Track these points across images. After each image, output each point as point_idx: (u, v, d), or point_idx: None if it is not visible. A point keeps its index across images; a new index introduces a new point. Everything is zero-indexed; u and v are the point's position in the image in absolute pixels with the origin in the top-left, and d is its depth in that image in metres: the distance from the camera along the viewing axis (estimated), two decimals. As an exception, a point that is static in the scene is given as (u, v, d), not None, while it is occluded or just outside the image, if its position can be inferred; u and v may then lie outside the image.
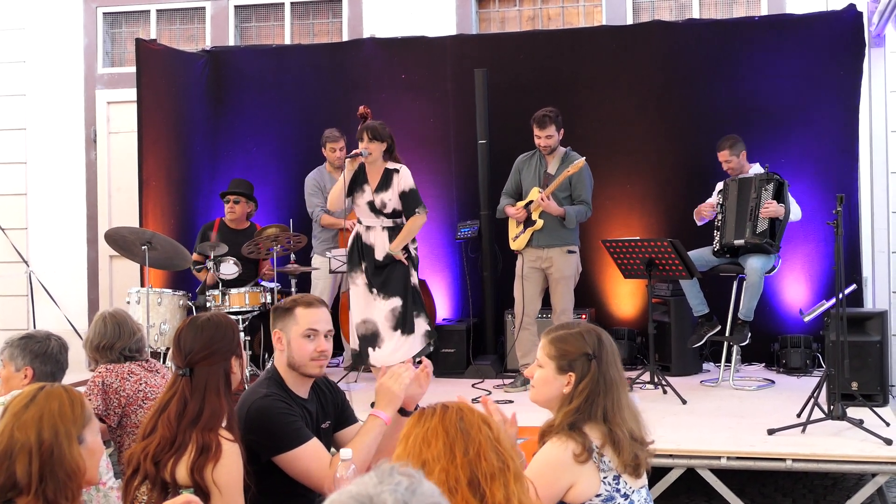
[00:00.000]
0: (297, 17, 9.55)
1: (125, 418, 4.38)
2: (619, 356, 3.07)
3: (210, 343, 3.31)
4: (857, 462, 4.98)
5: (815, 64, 7.90)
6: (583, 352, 3.00)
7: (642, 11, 8.89)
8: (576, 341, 3.02)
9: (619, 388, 2.99)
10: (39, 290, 8.46)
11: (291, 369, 3.56)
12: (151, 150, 8.57)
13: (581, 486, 2.88)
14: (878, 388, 6.19)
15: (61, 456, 2.52)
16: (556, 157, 7.16)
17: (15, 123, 9.64)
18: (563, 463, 2.88)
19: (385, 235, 6.55)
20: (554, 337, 3.09)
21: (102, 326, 4.55)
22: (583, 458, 2.87)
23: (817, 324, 6.91)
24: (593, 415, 2.93)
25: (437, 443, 2.30)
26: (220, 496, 3.11)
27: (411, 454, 2.30)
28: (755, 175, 7.01)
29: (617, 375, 3.00)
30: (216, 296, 7.35)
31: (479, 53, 8.47)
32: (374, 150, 6.49)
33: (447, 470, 2.27)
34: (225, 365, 3.32)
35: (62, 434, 2.53)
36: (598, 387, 2.95)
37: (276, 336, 3.59)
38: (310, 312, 3.58)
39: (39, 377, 4.03)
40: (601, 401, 2.94)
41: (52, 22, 9.61)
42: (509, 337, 7.74)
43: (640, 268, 6.67)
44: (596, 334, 3.05)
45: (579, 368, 2.99)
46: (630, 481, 2.93)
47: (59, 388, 2.65)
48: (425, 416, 2.37)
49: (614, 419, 2.93)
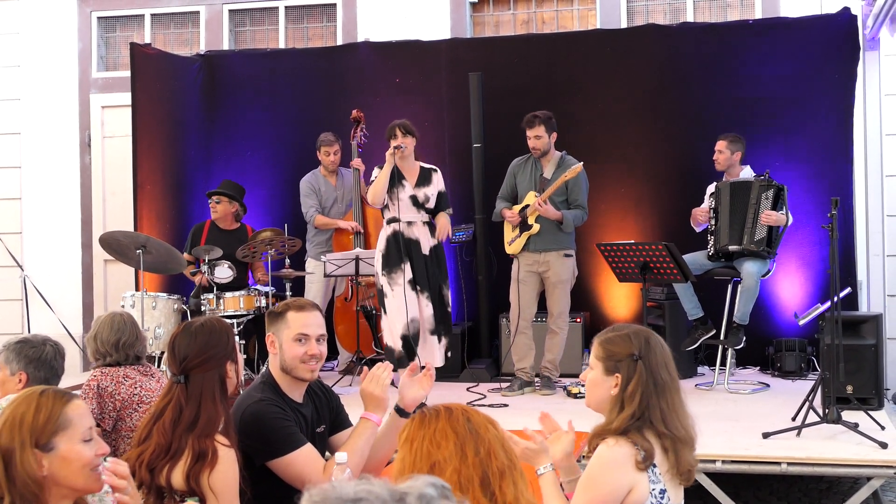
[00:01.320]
0: (292, 21, 9.54)
1: (120, 422, 4.37)
2: (670, 358, 3.03)
3: (204, 349, 3.30)
4: (853, 466, 4.98)
5: (810, 67, 7.91)
6: (629, 353, 2.98)
7: (636, 15, 8.89)
8: (622, 342, 3.01)
9: (672, 390, 2.96)
10: (34, 294, 8.43)
11: (284, 373, 3.56)
12: (146, 154, 8.56)
13: (635, 493, 2.86)
14: (873, 391, 6.19)
15: (15, 462, 2.51)
16: (551, 162, 7.16)
17: (9, 128, 9.62)
18: (625, 467, 2.85)
19: (426, 230, 6.82)
20: (602, 339, 3.08)
21: (122, 324, 4.53)
22: (643, 466, 2.85)
23: (812, 327, 6.92)
24: (653, 419, 2.90)
25: (448, 444, 2.30)
26: (216, 502, 3.10)
27: (419, 456, 2.29)
28: (755, 180, 7.00)
29: (668, 377, 2.97)
30: (211, 300, 7.34)
31: (473, 57, 8.47)
32: (409, 145, 6.77)
33: (459, 470, 2.27)
34: (220, 370, 3.31)
35: (16, 441, 2.53)
36: (648, 388, 2.92)
37: (269, 340, 3.59)
38: (301, 316, 3.57)
39: (34, 382, 4.02)
40: (656, 403, 2.92)
41: (46, 26, 9.59)
42: (504, 341, 7.74)
43: (635, 271, 6.67)
44: (644, 336, 3.02)
45: (625, 369, 2.97)
46: (673, 496, 2.90)
47: (39, 393, 2.63)
48: (429, 419, 2.36)
49: (672, 423, 2.91)
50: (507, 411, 6.44)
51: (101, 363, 4.53)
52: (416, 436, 2.33)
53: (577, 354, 7.63)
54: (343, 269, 7.37)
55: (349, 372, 7.62)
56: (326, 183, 8.03)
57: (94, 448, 2.64)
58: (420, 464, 2.26)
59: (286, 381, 3.57)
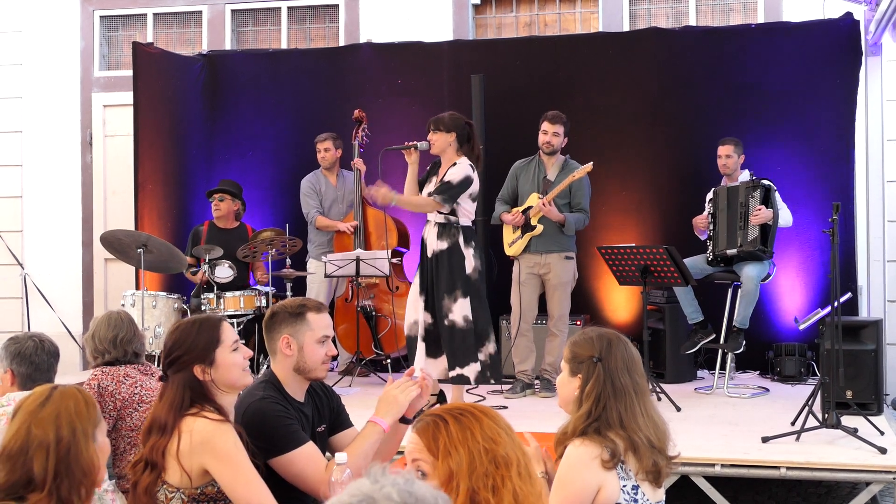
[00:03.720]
0: (294, 21, 9.55)
1: (120, 421, 4.37)
2: (637, 364, 3.04)
3: (175, 347, 3.28)
4: (852, 470, 4.98)
5: (812, 72, 7.92)
6: (589, 354, 3.01)
7: (639, 18, 8.90)
8: (585, 344, 3.05)
9: (633, 395, 2.97)
10: (34, 292, 8.43)
11: (297, 373, 3.55)
12: (147, 153, 8.57)
13: (605, 492, 2.88)
14: (873, 396, 6.18)
15: (78, 453, 2.55)
16: (555, 164, 7.17)
17: (11, 126, 9.62)
18: (591, 467, 2.87)
19: (435, 231, 6.22)
20: (571, 341, 3.13)
21: (119, 321, 4.53)
22: (610, 465, 2.87)
23: (812, 332, 6.91)
24: (609, 421, 2.92)
25: (502, 439, 2.31)
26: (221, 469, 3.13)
27: (477, 454, 2.26)
28: (741, 183, 7.03)
29: (628, 381, 2.97)
30: (211, 299, 7.35)
31: (475, 59, 8.47)
32: (437, 141, 6.16)
33: (520, 462, 2.31)
34: (187, 374, 3.24)
35: (79, 432, 2.57)
36: (605, 390, 2.95)
37: (284, 341, 3.52)
38: (322, 318, 3.59)
39: (18, 378, 4.03)
40: (613, 405, 2.93)
41: (48, 25, 9.60)
42: (504, 343, 7.74)
43: (636, 275, 6.67)
44: (607, 339, 3.04)
45: (585, 371, 3.00)
46: (648, 492, 2.92)
47: (72, 388, 2.68)
48: (466, 419, 2.33)
49: (630, 425, 2.92)
50: (507, 413, 6.40)
51: (99, 361, 4.52)
52: (463, 437, 2.30)
53: (577, 357, 7.61)
54: (343, 269, 7.37)
55: (349, 373, 7.62)
56: (327, 183, 8.04)
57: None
58: (480, 461, 2.26)
59: (293, 380, 3.56)
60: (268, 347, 3.61)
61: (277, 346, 3.54)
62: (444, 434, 2.32)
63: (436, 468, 2.29)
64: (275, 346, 3.56)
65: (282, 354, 3.54)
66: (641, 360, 3.13)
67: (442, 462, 2.29)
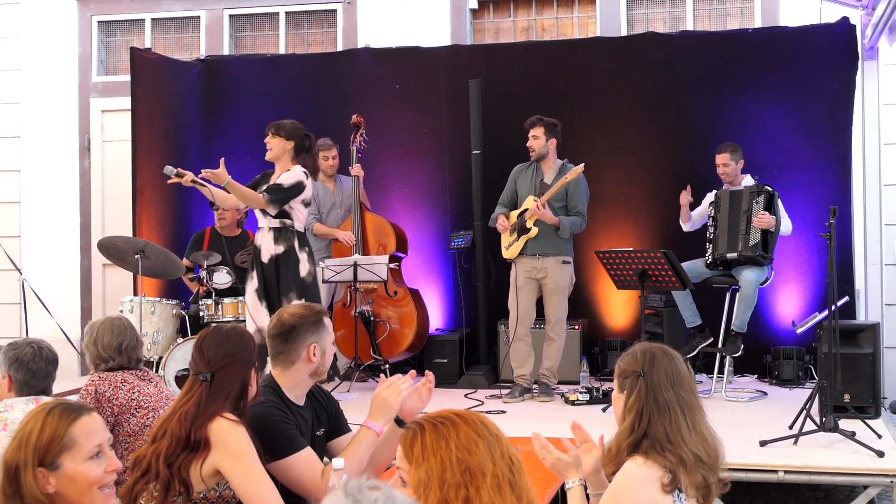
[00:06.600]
0: (292, 26, 9.56)
1: (117, 427, 4.36)
2: (685, 379, 2.99)
3: (234, 352, 3.37)
4: (849, 474, 4.98)
5: (809, 76, 7.93)
6: (633, 369, 2.98)
7: (636, 23, 8.91)
8: (630, 359, 3.02)
9: (678, 410, 2.91)
10: (32, 298, 8.43)
11: (312, 377, 3.63)
12: (145, 158, 8.57)
13: None
14: (871, 400, 6.19)
15: (20, 480, 2.54)
16: (552, 168, 7.18)
17: (9, 131, 9.63)
18: (651, 489, 2.82)
19: (271, 236, 6.30)
20: (621, 357, 3.09)
21: (122, 328, 4.53)
22: (668, 489, 2.82)
23: (810, 336, 6.91)
24: (656, 436, 2.87)
25: (478, 448, 2.29)
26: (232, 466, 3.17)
27: (449, 464, 2.25)
28: (745, 187, 7.04)
29: (672, 396, 2.92)
30: (209, 305, 7.34)
31: (473, 64, 8.49)
32: (274, 146, 6.36)
33: (495, 473, 2.27)
34: (245, 375, 3.37)
35: (20, 460, 2.55)
36: (647, 405, 2.91)
37: (312, 349, 3.56)
38: (330, 322, 3.71)
39: (16, 384, 4.05)
40: (657, 420, 2.89)
41: (46, 30, 9.61)
42: (502, 347, 7.75)
43: (633, 279, 6.67)
44: (651, 353, 2.99)
45: (629, 385, 2.97)
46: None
47: (47, 410, 2.64)
48: (445, 427, 2.32)
49: (675, 440, 2.86)
50: (505, 418, 6.43)
51: (101, 368, 4.51)
52: (437, 445, 2.29)
53: (575, 361, 7.63)
54: (341, 275, 7.37)
55: (347, 378, 7.62)
56: (325, 188, 8.04)
57: (103, 465, 2.64)
58: (452, 471, 2.24)
59: (301, 385, 3.60)
60: (282, 359, 3.58)
61: (301, 355, 3.55)
62: (419, 442, 2.31)
63: (410, 476, 2.29)
64: (296, 356, 3.56)
65: (305, 362, 3.56)
66: (692, 375, 3.06)
67: (415, 470, 2.28)
